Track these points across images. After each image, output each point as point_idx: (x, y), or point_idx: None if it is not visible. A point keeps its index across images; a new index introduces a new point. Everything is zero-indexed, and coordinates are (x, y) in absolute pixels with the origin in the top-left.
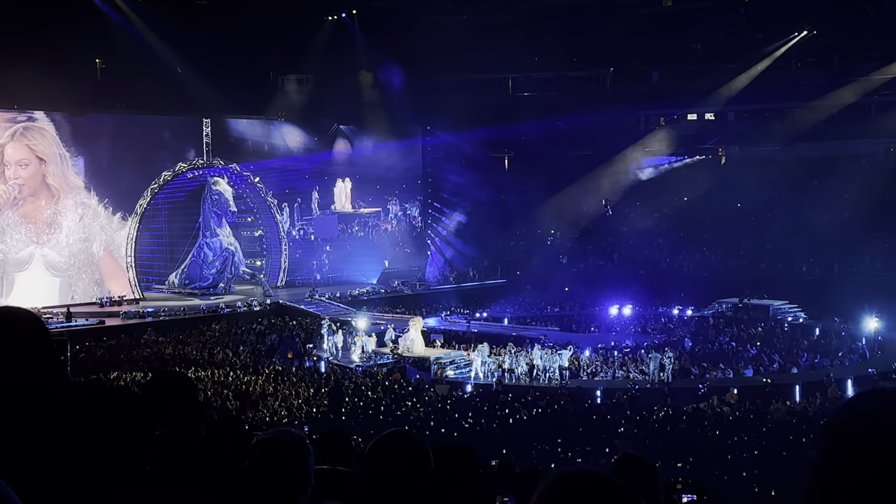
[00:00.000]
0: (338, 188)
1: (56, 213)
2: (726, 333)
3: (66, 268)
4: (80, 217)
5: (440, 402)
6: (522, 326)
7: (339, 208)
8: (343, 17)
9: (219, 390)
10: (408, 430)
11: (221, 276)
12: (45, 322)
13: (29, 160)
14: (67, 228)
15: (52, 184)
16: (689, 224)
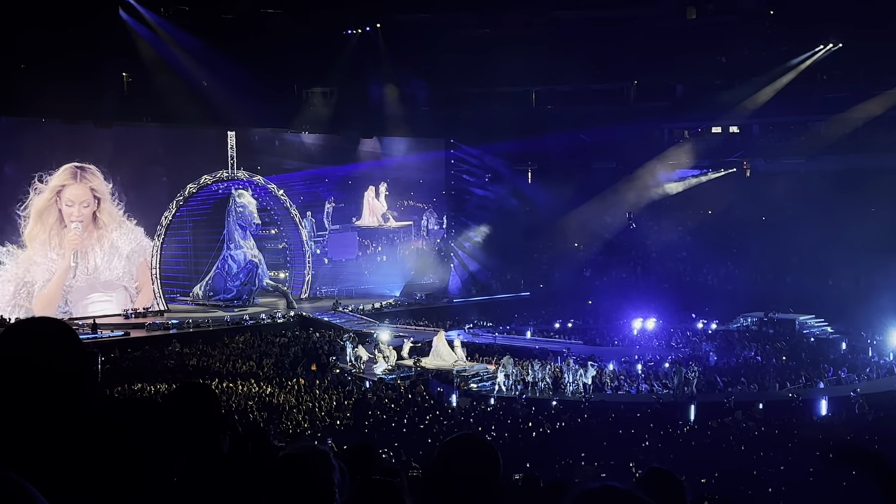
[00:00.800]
0: (367, 197)
1: (106, 245)
2: (751, 348)
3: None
4: (126, 244)
5: (463, 415)
6: (545, 339)
7: (363, 222)
8: (367, 30)
9: (243, 402)
10: (476, 434)
11: (245, 289)
12: (76, 332)
13: (89, 200)
14: (111, 255)
15: (102, 219)
16: (713, 237)
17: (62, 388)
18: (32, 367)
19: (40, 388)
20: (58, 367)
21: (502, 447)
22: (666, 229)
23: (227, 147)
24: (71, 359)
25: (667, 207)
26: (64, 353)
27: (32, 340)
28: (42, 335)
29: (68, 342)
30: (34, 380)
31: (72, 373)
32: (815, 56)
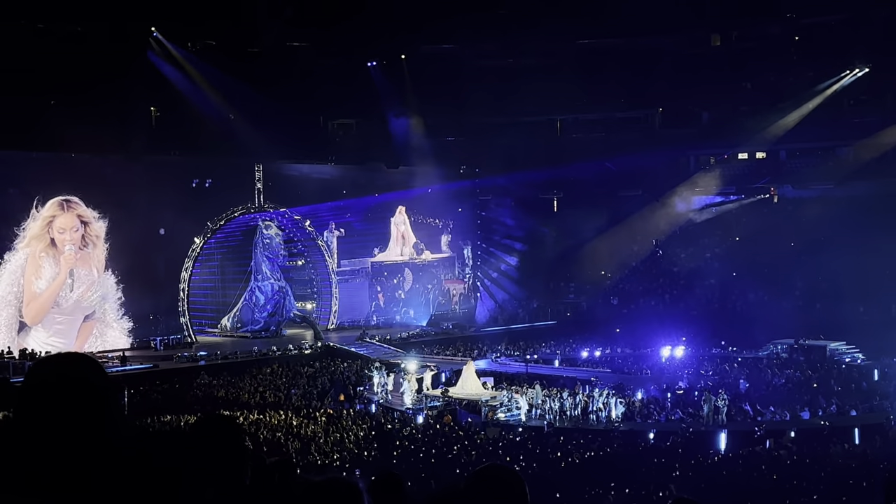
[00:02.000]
0: (396, 223)
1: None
2: (782, 375)
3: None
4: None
5: (491, 445)
6: (573, 368)
7: (388, 255)
8: (392, 62)
9: (270, 433)
10: (503, 464)
11: (273, 320)
12: (103, 367)
13: (78, 226)
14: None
15: (91, 240)
16: (742, 264)
17: (90, 423)
18: (60, 402)
19: (68, 422)
20: (85, 401)
21: (531, 477)
22: (694, 256)
23: (253, 179)
24: (98, 394)
25: (694, 234)
26: (91, 388)
27: (60, 375)
28: (70, 371)
29: (95, 377)
30: (62, 414)
31: (99, 407)
32: (841, 81)
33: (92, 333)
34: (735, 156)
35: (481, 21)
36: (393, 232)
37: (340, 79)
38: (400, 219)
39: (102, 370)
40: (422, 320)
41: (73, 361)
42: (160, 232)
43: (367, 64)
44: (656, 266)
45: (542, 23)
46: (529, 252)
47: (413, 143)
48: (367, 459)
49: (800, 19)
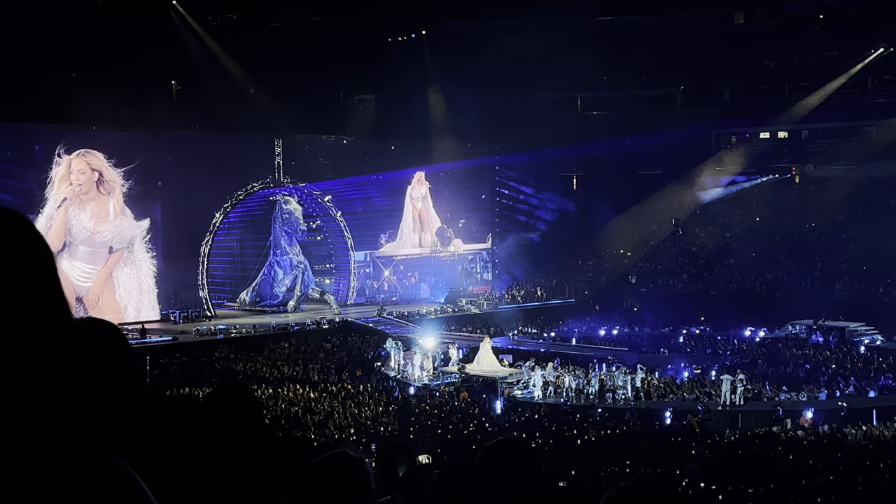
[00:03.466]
0: (410, 197)
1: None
2: (801, 356)
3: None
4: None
5: (507, 422)
6: (591, 346)
7: (401, 247)
8: (413, 37)
9: (288, 408)
10: (516, 438)
11: (291, 295)
12: (118, 331)
13: (86, 170)
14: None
15: (105, 187)
16: (761, 244)
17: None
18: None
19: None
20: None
21: (546, 454)
22: (714, 236)
23: (273, 154)
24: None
25: (714, 214)
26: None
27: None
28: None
29: (119, 341)
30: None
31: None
32: (865, 61)
33: (120, 261)
34: (757, 135)
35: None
36: (408, 210)
37: (360, 54)
38: (418, 191)
39: (123, 336)
40: (440, 297)
41: (95, 325)
42: (182, 205)
43: (387, 39)
44: (676, 245)
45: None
46: (548, 230)
47: (433, 119)
48: (383, 434)
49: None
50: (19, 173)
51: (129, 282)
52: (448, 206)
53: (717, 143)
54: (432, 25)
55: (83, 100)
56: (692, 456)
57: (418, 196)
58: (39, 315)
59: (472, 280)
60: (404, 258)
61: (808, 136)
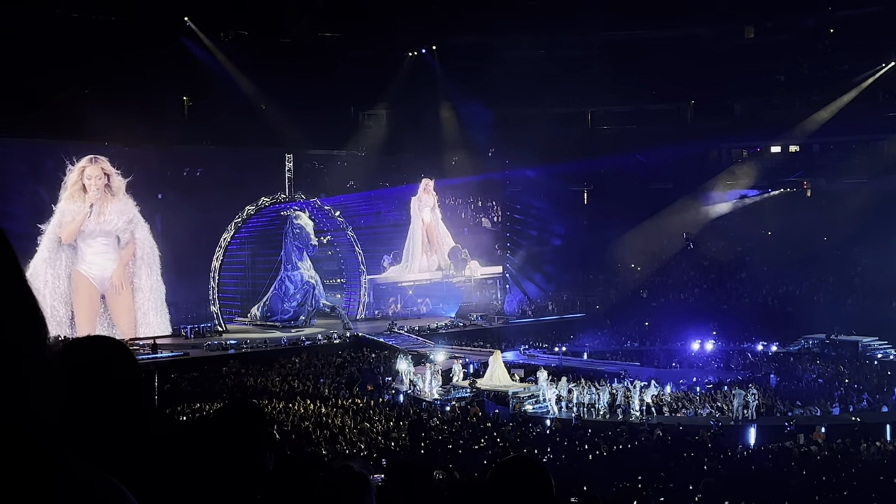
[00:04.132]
0: (416, 208)
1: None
2: (813, 370)
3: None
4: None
5: (519, 437)
6: (602, 361)
7: (409, 270)
8: (423, 52)
9: (299, 423)
10: (529, 455)
11: (302, 309)
12: (129, 352)
13: (101, 175)
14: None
15: (113, 189)
16: (773, 258)
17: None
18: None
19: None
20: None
21: (558, 469)
22: (725, 250)
23: (284, 169)
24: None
25: (725, 228)
26: (123, 369)
27: (92, 358)
28: (100, 353)
29: (126, 359)
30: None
31: (131, 390)
32: (876, 74)
33: (132, 255)
34: (768, 149)
35: (513, 12)
36: (416, 225)
37: (371, 69)
38: (426, 201)
39: (131, 354)
40: (450, 311)
41: (105, 346)
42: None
43: (398, 54)
44: (687, 259)
45: (574, 14)
46: (559, 244)
47: (443, 134)
48: (394, 450)
49: (835, 11)
50: (32, 187)
51: (144, 295)
52: (458, 220)
53: (728, 157)
54: (443, 40)
55: (96, 116)
56: (705, 471)
57: (426, 206)
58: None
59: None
60: (412, 284)
61: (820, 149)
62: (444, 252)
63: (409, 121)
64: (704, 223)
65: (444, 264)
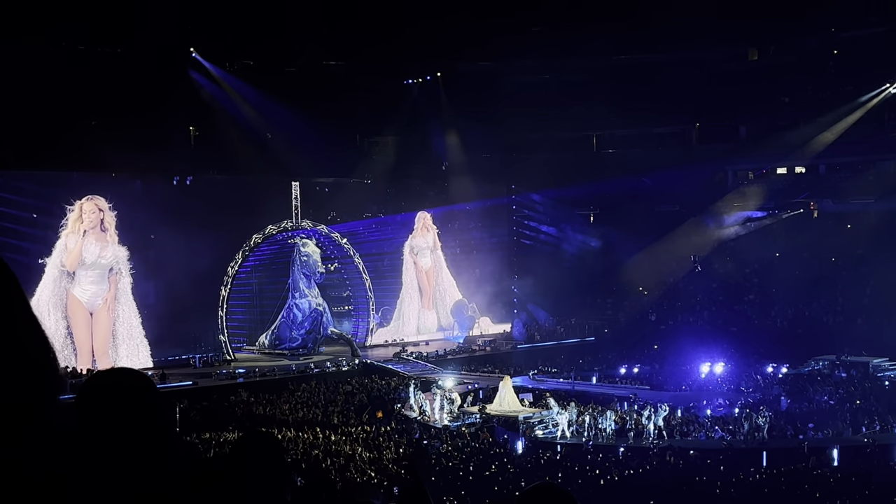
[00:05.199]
0: (412, 249)
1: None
2: (824, 391)
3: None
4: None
5: (529, 462)
6: (612, 385)
7: (404, 327)
8: (428, 79)
9: (309, 451)
10: (555, 483)
11: (310, 337)
12: (153, 386)
13: (96, 210)
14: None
15: (106, 224)
16: (782, 279)
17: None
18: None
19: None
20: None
21: None
22: (732, 272)
23: (291, 197)
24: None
25: (733, 250)
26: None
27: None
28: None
29: (152, 394)
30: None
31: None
32: (881, 95)
33: (117, 283)
34: (774, 170)
35: (518, 38)
36: (408, 272)
37: (376, 97)
38: (422, 240)
39: (154, 386)
40: (459, 337)
41: (132, 376)
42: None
43: (403, 82)
44: (695, 282)
45: (579, 39)
46: (566, 268)
47: (449, 160)
48: (405, 477)
49: (838, 33)
50: (39, 220)
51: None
52: (465, 245)
53: (734, 179)
54: (448, 67)
55: (102, 147)
56: (717, 494)
57: (424, 247)
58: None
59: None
60: (403, 351)
61: (826, 170)
62: (446, 306)
63: (414, 148)
64: (712, 245)
65: (445, 323)
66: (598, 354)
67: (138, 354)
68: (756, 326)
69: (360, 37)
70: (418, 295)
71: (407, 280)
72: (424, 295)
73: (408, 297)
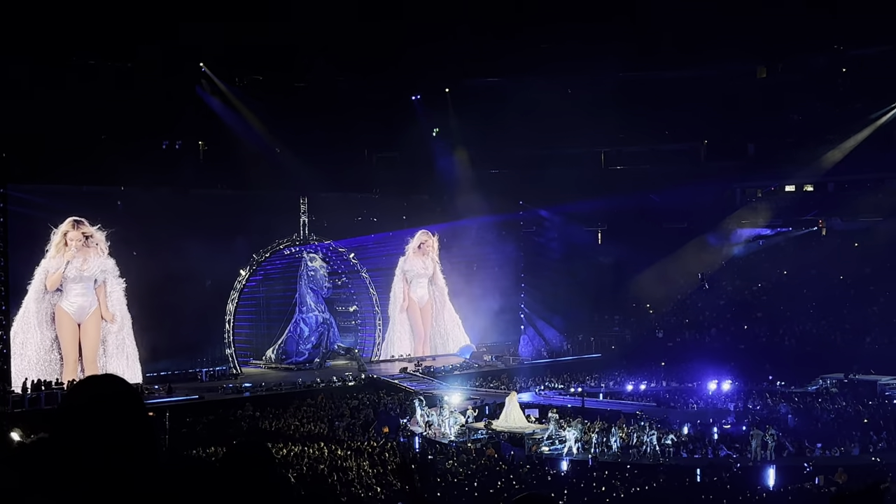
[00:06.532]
0: (405, 275)
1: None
2: (832, 410)
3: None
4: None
5: (535, 479)
6: (618, 402)
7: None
8: (437, 95)
9: (314, 465)
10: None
11: (317, 352)
12: (139, 394)
13: (81, 237)
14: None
15: (93, 242)
16: (789, 297)
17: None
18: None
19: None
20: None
21: None
22: (740, 289)
23: (299, 212)
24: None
25: (741, 267)
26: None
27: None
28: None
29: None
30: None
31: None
32: (890, 112)
33: (106, 294)
34: (782, 188)
35: (526, 55)
36: (395, 304)
37: (385, 112)
38: (420, 266)
39: (137, 395)
40: (465, 353)
41: (114, 383)
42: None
43: (411, 97)
44: (703, 299)
45: (587, 56)
46: (573, 284)
47: (457, 176)
48: (400, 487)
49: (846, 51)
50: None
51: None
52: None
53: (742, 196)
54: (457, 83)
55: (112, 161)
56: None
57: (420, 274)
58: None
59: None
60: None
61: (835, 188)
62: (445, 342)
63: (422, 162)
64: (720, 262)
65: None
66: (604, 371)
67: (128, 366)
68: (764, 344)
69: (369, 53)
70: (409, 337)
71: (394, 313)
72: (417, 339)
73: (397, 338)
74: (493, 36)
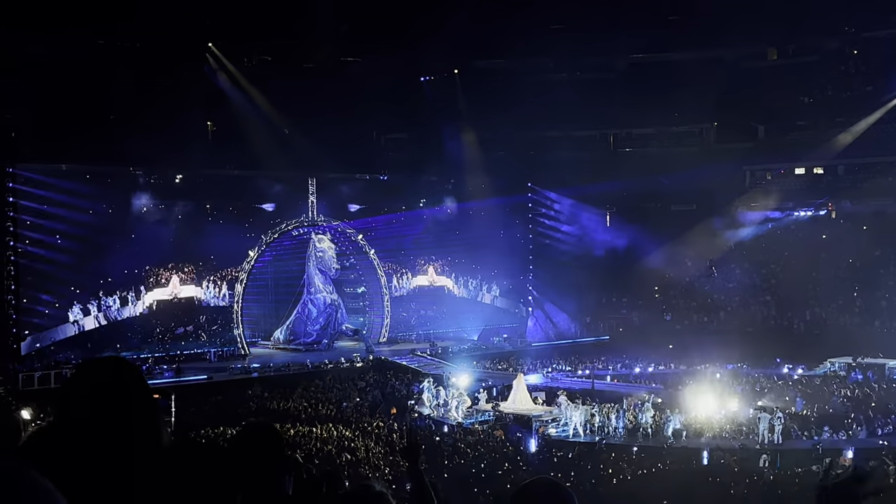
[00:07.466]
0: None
1: None
2: (839, 394)
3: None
4: None
5: (541, 461)
6: (626, 384)
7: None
8: (445, 76)
9: (321, 446)
10: (554, 478)
11: (325, 333)
12: (141, 374)
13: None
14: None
15: None
16: (798, 280)
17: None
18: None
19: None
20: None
21: (582, 493)
22: (749, 272)
23: (307, 193)
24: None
25: (750, 250)
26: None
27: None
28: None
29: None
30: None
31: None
32: None
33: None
34: (792, 171)
35: (535, 36)
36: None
37: (393, 93)
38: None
39: (140, 375)
40: (473, 334)
41: (116, 366)
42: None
43: (420, 79)
44: (711, 282)
45: (597, 37)
46: (582, 267)
47: (465, 158)
48: (402, 465)
49: (858, 33)
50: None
51: None
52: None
53: (751, 179)
54: (465, 65)
55: (120, 141)
56: (730, 495)
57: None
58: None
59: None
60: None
61: (845, 171)
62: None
63: (431, 144)
64: (728, 245)
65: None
66: (612, 353)
67: None
68: (772, 327)
69: (378, 34)
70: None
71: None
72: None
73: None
74: (503, 17)
